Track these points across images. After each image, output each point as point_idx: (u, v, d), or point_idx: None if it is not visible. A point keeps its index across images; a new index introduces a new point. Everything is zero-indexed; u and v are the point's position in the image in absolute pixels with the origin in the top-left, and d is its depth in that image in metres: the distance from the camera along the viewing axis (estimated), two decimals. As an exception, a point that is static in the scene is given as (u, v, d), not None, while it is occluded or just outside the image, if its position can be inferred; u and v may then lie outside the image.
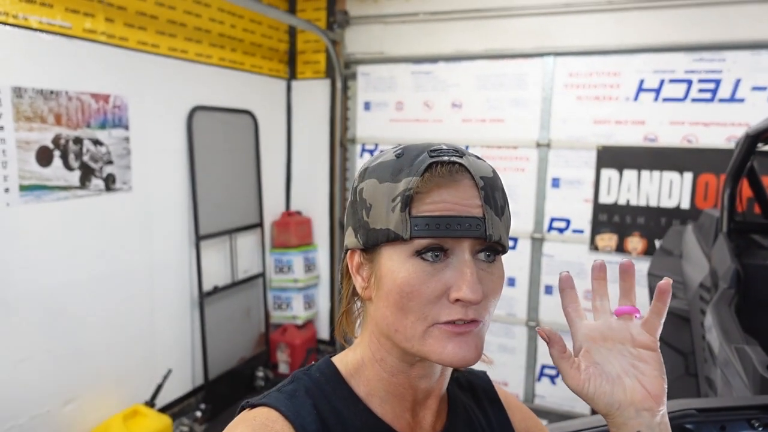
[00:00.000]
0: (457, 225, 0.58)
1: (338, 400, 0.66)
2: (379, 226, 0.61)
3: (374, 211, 0.62)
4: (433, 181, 0.59)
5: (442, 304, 0.59)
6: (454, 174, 0.60)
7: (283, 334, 4.18)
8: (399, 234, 0.59)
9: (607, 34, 3.42)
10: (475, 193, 0.60)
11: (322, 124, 4.28)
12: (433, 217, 0.58)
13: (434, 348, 0.59)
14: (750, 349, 1.21)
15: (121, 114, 2.90)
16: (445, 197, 0.59)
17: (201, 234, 3.43)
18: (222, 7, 3.58)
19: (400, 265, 0.60)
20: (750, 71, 3.14)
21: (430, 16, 3.84)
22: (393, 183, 0.61)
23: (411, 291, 0.59)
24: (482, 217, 0.59)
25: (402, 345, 0.62)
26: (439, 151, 0.62)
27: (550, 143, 3.60)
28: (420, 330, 0.60)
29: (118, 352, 2.97)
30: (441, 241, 0.59)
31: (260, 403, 0.63)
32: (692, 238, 2.39)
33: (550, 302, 3.72)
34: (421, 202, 0.59)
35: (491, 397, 0.81)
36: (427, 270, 0.59)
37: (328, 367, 0.69)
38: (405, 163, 0.62)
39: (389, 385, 0.66)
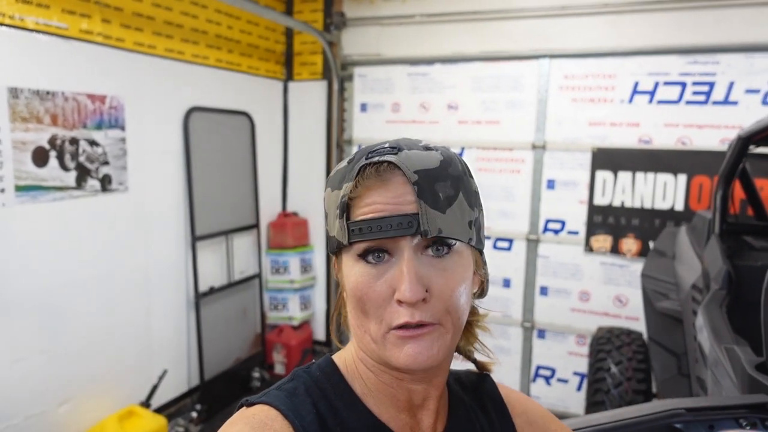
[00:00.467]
0: (387, 225, 0.58)
1: (338, 399, 0.65)
2: (332, 233, 0.64)
3: (328, 219, 0.65)
4: (363, 184, 0.60)
5: (392, 308, 0.59)
6: (383, 173, 0.60)
7: (279, 335, 4.18)
8: (341, 241, 0.61)
9: (602, 36, 3.44)
10: (407, 189, 0.59)
11: (318, 126, 4.29)
12: (364, 221, 0.59)
13: (392, 353, 0.60)
14: (739, 349, 1.22)
15: (117, 115, 2.91)
16: (376, 198, 0.59)
17: (197, 235, 3.43)
18: (219, 9, 3.59)
19: (350, 269, 0.62)
20: (743, 74, 3.16)
21: (426, 18, 3.85)
22: (336, 190, 0.63)
23: (362, 295, 0.60)
24: (416, 213, 0.58)
25: (370, 346, 0.63)
26: (376, 152, 0.62)
27: (545, 145, 3.62)
28: (380, 334, 0.60)
29: (113, 352, 2.98)
30: (379, 243, 0.59)
31: (259, 401, 0.63)
32: (685, 240, 2.41)
33: (545, 303, 3.73)
34: (356, 206, 0.60)
35: (494, 398, 0.80)
36: (372, 273, 0.60)
37: (328, 365, 0.69)
38: (348, 169, 0.63)
39: (378, 384, 0.66)
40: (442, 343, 0.60)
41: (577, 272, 3.63)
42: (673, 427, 0.99)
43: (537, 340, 3.79)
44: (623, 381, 2.59)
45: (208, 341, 3.56)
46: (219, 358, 3.69)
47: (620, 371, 2.63)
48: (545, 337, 3.76)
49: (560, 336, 3.72)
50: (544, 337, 3.76)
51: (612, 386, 2.61)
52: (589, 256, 3.58)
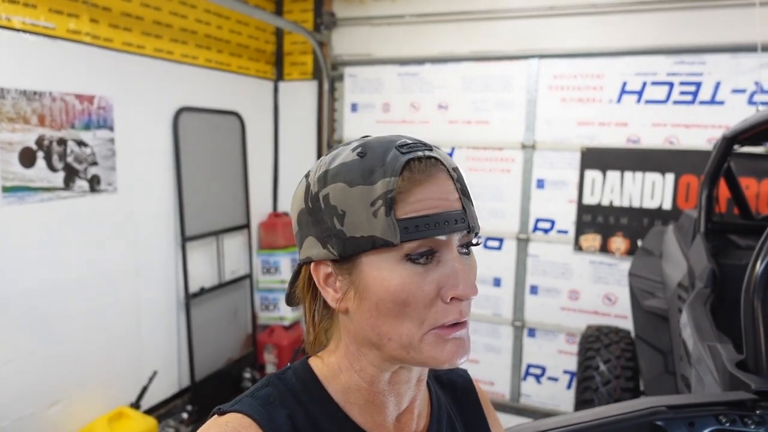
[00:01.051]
0: (444, 222, 0.56)
1: (317, 409, 0.63)
2: (360, 233, 0.57)
3: (350, 218, 0.58)
4: (412, 180, 0.57)
5: (438, 307, 0.57)
6: (431, 168, 0.58)
7: (271, 335, 4.17)
8: (388, 240, 0.56)
9: (590, 37, 3.46)
10: (452, 186, 0.59)
11: (309, 126, 4.29)
12: (420, 218, 0.56)
13: (432, 353, 0.58)
14: (721, 347, 1.24)
15: (106, 115, 2.89)
16: (428, 195, 0.57)
17: (187, 235, 3.42)
18: (208, 9, 3.58)
19: (390, 272, 0.57)
20: (730, 74, 3.19)
21: (416, 18, 3.86)
22: (367, 186, 0.57)
23: (407, 297, 0.56)
24: (462, 209, 0.58)
25: (395, 353, 0.59)
26: (408, 147, 0.59)
27: (534, 145, 3.64)
28: (417, 337, 0.58)
29: (103, 353, 2.96)
30: (431, 242, 0.57)
31: (232, 409, 0.60)
32: (672, 239, 2.43)
33: (535, 302, 3.75)
34: (404, 203, 0.56)
35: (471, 396, 0.80)
36: (420, 272, 0.57)
37: (305, 371, 0.66)
38: (375, 163, 0.58)
39: (368, 394, 0.64)
40: (469, 338, 0.61)
41: (567, 271, 3.65)
42: (655, 424, 1.00)
43: (527, 339, 3.81)
44: (612, 379, 2.61)
45: (199, 342, 3.56)
46: (210, 359, 3.68)
47: (609, 369, 2.66)
48: (535, 335, 3.78)
49: (550, 335, 3.74)
50: (535, 335, 3.78)
51: (601, 384, 2.63)
52: (578, 255, 3.61)
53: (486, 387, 3.93)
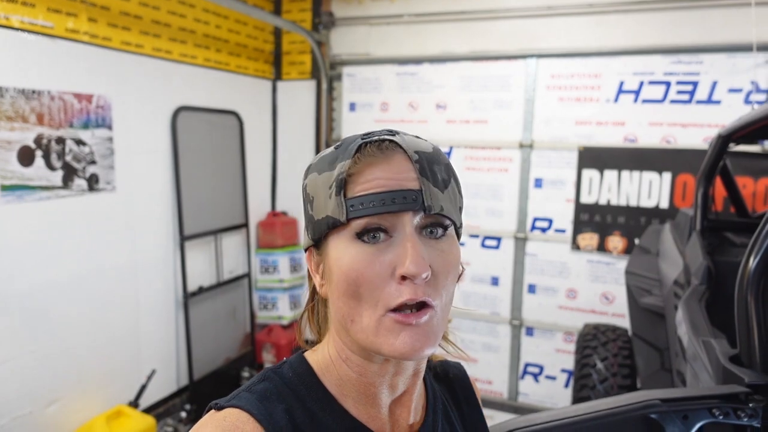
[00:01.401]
0: (392, 200, 0.56)
1: (313, 402, 0.63)
2: (321, 216, 0.61)
3: (316, 202, 0.62)
4: (363, 161, 0.59)
5: (391, 287, 0.57)
6: (385, 150, 0.60)
7: (269, 335, 4.18)
8: (336, 218, 0.58)
9: (588, 36, 3.47)
10: (409, 166, 0.59)
11: (307, 125, 4.29)
12: (366, 196, 0.57)
13: (387, 340, 0.57)
14: (715, 342, 1.25)
15: (104, 114, 2.90)
16: (378, 174, 0.58)
17: (186, 234, 3.43)
18: (207, 8, 3.58)
19: (344, 251, 0.59)
20: (726, 73, 3.21)
21: (414, 18, 3.87)
22: (330, 171, 0.60)
23: (357, 276, 0.57)
24: (419, 189, 0.58)
25: (358, 336, 0.59)
26: (371, 134, 0.62)
27: (532, 144, 3.65)
28: (374, 319, 0.57)
29: (101, 352, 2.97)
30: (380, 219, 0.57)
31: (229, 404, 0.60)
32: (669, 237, 2.44)
33: (533, 301, 3.76)
34: (354, 183, 0.58)
35: (466, 388, 0.81)
36: (370, 251, 0.57)
37: (300, 364, 0.67)
38: (340, 151, 0.62)
39: (360, 385, 0.64)
40: (437, 330, 0.59)
41: (565, 270, 3.66)
42: (649, 417, 1.01)
43: (525, 338, 3.82)
44: (609, 377, 2.62)
45: (197, 341, 3.56)
46: (208, 358, 3.68)
47: (606, 367, 2.67)
48: (533, 334, 3.79)
49: (548, 333, 3.75)
50: (533, 334, 3.79)
51: (598, 382, 2.64)
52: (576, 254, 3.62)
53: (484, 386, 3.93)
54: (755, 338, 1.09)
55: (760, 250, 1.12)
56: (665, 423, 0.99)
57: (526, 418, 1.04)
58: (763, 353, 1.08)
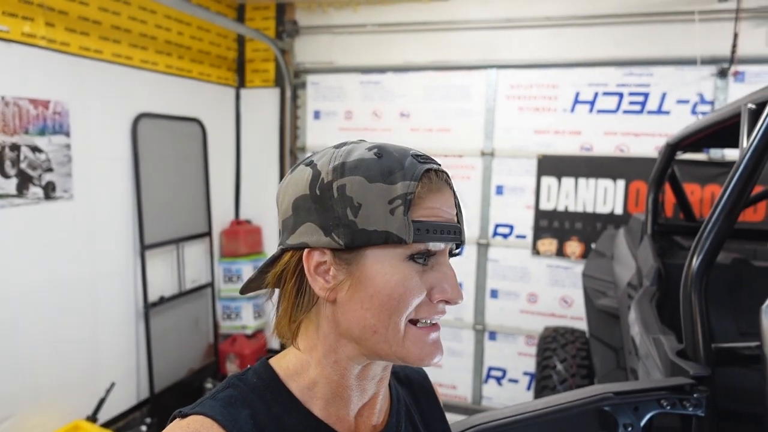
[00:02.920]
0: (449, 231, 0.62)
1: (278, 406, 0.64)
2: (374, 227, 0.60)
3: (365, 211, 0.60)
4: (428, 188, 0.62)
5: (424, 305, 0.63)
6: (443, 182, 0.65)
7: (233, 345, 4.13)
8: (401, 237, 0.60)
9: (545, 48, 3.59)
10: (453, 201, 0.66)
11: (271, 133, 4.28)
12: (432, 223, 0.61)
13: (412, 350, 0.63)
14: (664, 338, 1.32)
15: (61, 120, 2.83)
16: (439, 204, 0.63)
17: (146, 243, 3.36)
18: (169, 14, 3.55)
19: (393, 267, 0.61)
20: (675, 85, 3.37)
21: (378, 28, 3.93)
22: (386, 185, 0.60)
23: (404, 292, 0.61)
24: (458, 223, 0.65)
25: (377, 347, 0.62)
26: (423, 158, 0.65)
27: (493, 152, 3.74)
28: (400, 330, 0.62)
29: (58, 365, 2.88)
30: (433, 246, 0.63)
31: (194, 411, 0.61)
32: (622, 241, 2.55)
33: (496, 306, 3.84)
34: (418, 207, 0.61)
35: (428, 390, 0.84)
36: (419, 272, 0.62)
37: (265, 370, 0.67)
38: (394, 165, 0.62)
39: (337, 387, 0.66)
40: None
41: (525, 275, 3.76)
42: (603, 410, 1.06)
43: (488, 342, 3.89)
44: (568, 377, 2.70)
45: (159, 352, 3.49)
46: (170, 370, 3.61)
47: (565, 368, 2.75)
48: (496, 338, 3.87)
49: (510, 337, 3.83)
50: (495, 338, 3.87)
51: (558, 383, 2.71)
52: (536, 259, 3.72)
53: (448, 391, 3.98)
54: (699, 333, 1.16)
55: (702, 251, 1.19)
56: (618, 415, 1.05)
57: (488, 414, 1.08)
58: (706, 347, 1.15)
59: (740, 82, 3.26)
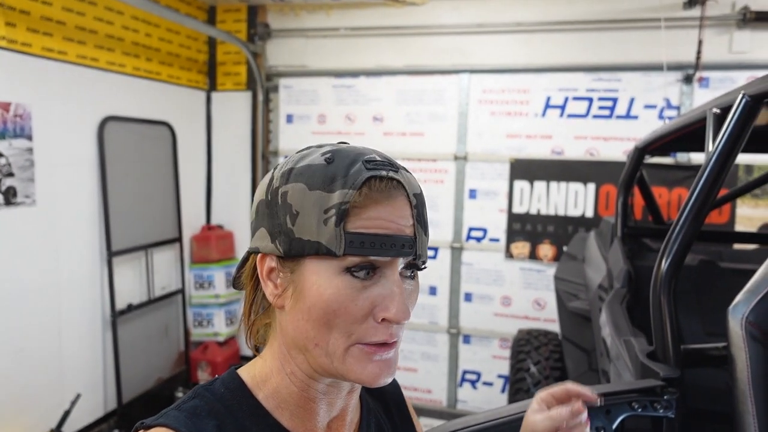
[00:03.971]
0: (391, 245, 0.57)
1: (245, 416, 0.62)
2: (307, 237, 0.57)
3: (302, 219, 0.58)
4: (370, 197, 0.57)
5: (368, 324, 0.58)
6: (391, 190, 0.58)
7: (204, 352, 4.05)
8: (331, 250, 0.56)
9: (516, 53, 3.63)
10: (408, 211, 0.59)
11: (243, 137, 4.23)
12: (368, 235, 0.56)
13: (353, 368, 0.58)
14: (634, 340, 1.33)
15: (23, 123, 2.74)
16: (381, 214, 0.57)
17: (113, 250, 3.27)
18: (136, 16, 3.47)
19: (328, 281, 0.57)
20: (642, 91, 3.44)
21: (350, 32, 3.91)
22: (325, 192, 0.57)
23: (338, 308, 0.57)
24: (413, 237, 0.59)
25: (319, 360, 0.60)
26: (374, 163, 0.59)
27: (466, 156, 3.76)
28: (342, 348, 0.58)
29: (20, 377, 2.77)
30: (374, 260, 0.57)
31: (156, 423, 0.59)
32: (593, 244, 2.58)
33: (470, 309, 3.85)
34: (356, 217, 0.56)
35: (399, 403, 0.82)
36: (357, 287, 0.57)
37: (233, 379, 0.66)
38: (338, 172, 0.58)
39: (299, 399, 0.64)
40: (396, 359, 0.61)
41: (499, 278, 3.78)
42: (575, 413, 1.05)
43: (463, 346, 3.90)
44: (542, 379, 2.72)
45: (127, 361, 3.40)
46: (138, 379, 3.52)
47: (539, 370, 2.76)
48: (470, 342, 3.88)
49: (485, 340, 3.85)
50: (470, 342, 3.88)
51: (532, 385, 2.73)
52: (509, 262, 3.74)
53: (423, 395, 3.97)
54: (668, 335, 1.17)
55: (670, 253, 1.20)
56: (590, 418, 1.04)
57: (462, 420, 1.06)
58: (676, 349, 1.16)
59: (705, 87, 3.34)
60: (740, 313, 0.99)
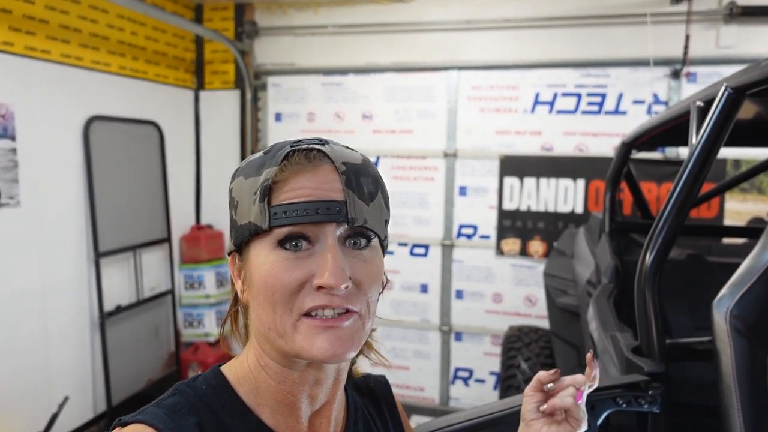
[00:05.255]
0: (315, 210, 0.56)
1: (227, 414, 0.62)
2: (243, 221, 0.60)
3: (239, 207, 0.61)
4: (290, 169, 0.58)
5: (305, 292, 0.57)
6: (312, 160, 0.59)
7: (195, 353, 4.02)
8: (259, 225, 0.58)
9: (505, 50, 3.62)
10: (335, 177, 0.59)
11: (232, 136, 4.20)
12: (290, 204, 0.57)
13: (303, 344, 0.57)
14: (620, 335, 1.33)
15: (6, 124, 2.70)
16: (303, 183, 0.58)
17: (101, 251, 3.24)
18: (122, 14, 3.44)
19: (264, 257, 0.58)
20: (630, 86, 3.44)
21: (339, 29, 3.89)
22: (256, 177, 0.60)
23: (275, 282, 0.57)
24: (344, 201, 0.58)
25: (277, 343, 0.59)
26: (300, 142, 0.62)
27: (456, 153, 3.75)
28: (289, 324, 0.58)
29: (6, 380, 2.74)
30: (302, 228, 0.57)
31: (135, 419, 0.59)
32: (582, 239, 2.57)
33: (461, 306, 3.85)
34: (279, 191, 0.58)
35: (389, 402, 0.81)
36: (290, 259, 0.57)
37: (215, 376, 0.65)
38: (268, 157, 0.61)
39: (278, 394, 0.63)
40: (359, 335, 0.59)
41: (490, 275, 3.78)
42: (560, 409, 1.05)
43: (455, 343, 3.89)
44: (532, 376, 2.71)
45: (116, 363, 3.37)
46: (128, 381, 3.49)
47: (529, 367, 2.76)
48: (462, 339, 3.87)
49: (476, 337, 3.84)
50: (461, 339, 3.87)
51: (522, 382, 2.73)
52: (500, 258, 3.74)
53: (416, 393, 3.97)
54: (653, 329, 1.17)
55: (654, 248, 1.20)
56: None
57: (450, 417, 1.06)
58: (660, 343, 1.16)
59: (692, 82, 3.35)
60: (725, 307, 0.99)
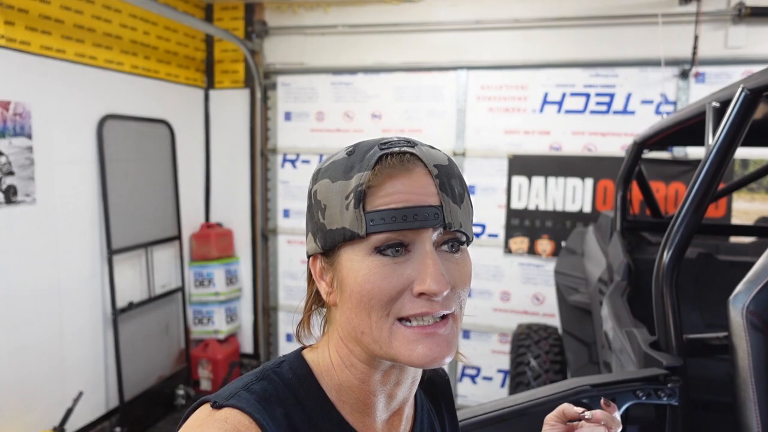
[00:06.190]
0: (413, 216, 0.56)
1: (312, 407, 0.62)
2: (335, 226, 0.58)
3: (329, 211, 0.59)
4: (384, 173, 0.57)
5: (405, 299, 0.57)
6: (406, 163, 0.58)
7: (205, 350, 4.06)
8: (355, 232, 0.57)
9: (514, 50, 3.65)
10: (429, 181, 0.58)
11: (242, 134, 4.23)
12: (388, 211, 0.56)
13: (401, 350, 0.57)
14: (637, 331, 1.36)
15: (23, 122, 2.74)
16: (399, 188, 0.57)
17: (114, 248, 3.28)
18: (134, 14, 3.47)
19: (360, 263, 0.57)
20: (639, 86, 3.46)
21: (349, 29, 3.92)
22: (345, 180, 0.58)
23: (372, 288, 0.56)
24: (439, 205, 0.57)
25: (370, 347, 0.59)
26: (389, 143, 0.60)
27: (465, 152, 3.77)
28: (385, 329, 0.57)
29: (23, 375, 2.78)
30: (400, 235, 0.56)
31: (229, 403, 0.57)
32: (592, 238, 2.60)
33: (469, 304, 3.87)
34: (374, 196, 0.57)
35: (447, 398, 0.81)
36: (388, 265, 0.57)
37: (300, 365, 0.65)
38: (356, 160, 0.59)
39: (360, 393, 0.63)
40: (453, 336, 0.59)
41: (498, 273, 3.80)
42: (581, 402, 1.08)
43: (462, 341, 3.92)
44: (542, 373, 2.74)
45: (128, 359, 3.40)
46: (140, 377, 3.53)
47: (539, 364, 2.79)
48: (470, 337, 3.90)
49: (484, 335, 3.87)
50: (469, 337, 3.90)
51: (532, 378, 2.75)
52: (508, 257, 3.77)
53: (424, 390, 3.99)
54: (671, 325, 1.19)
55: (672, 246, 1.23)
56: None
57: (468, 410, 1.08)
58: (678, 338, 1.18)
59: (701, 83, 3.37)
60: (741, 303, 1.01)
